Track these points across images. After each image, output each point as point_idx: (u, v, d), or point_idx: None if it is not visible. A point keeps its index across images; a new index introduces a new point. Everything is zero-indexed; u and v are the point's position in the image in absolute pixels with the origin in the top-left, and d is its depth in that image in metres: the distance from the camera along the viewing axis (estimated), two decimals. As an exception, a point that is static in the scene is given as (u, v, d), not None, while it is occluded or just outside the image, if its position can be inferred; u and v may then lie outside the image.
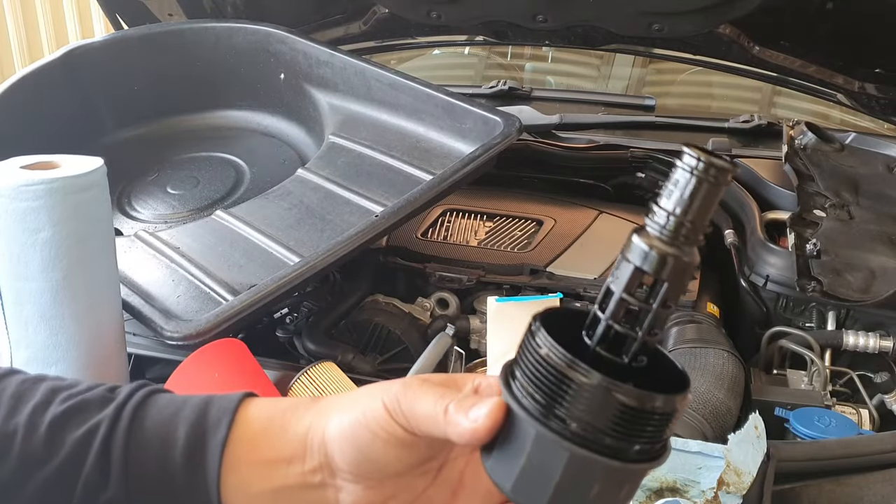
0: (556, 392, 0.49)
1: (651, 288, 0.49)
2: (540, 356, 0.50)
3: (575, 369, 0.49)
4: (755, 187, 1.66)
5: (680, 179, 0.48)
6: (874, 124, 2.13)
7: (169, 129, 1.82)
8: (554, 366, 0.49)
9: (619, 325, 0.50)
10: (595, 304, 0.52)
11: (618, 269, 0.50)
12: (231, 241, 1.35)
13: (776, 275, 1.39)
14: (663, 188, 0.49)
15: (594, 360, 0.50)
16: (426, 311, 1.45)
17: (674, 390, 0.50)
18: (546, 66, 2.85)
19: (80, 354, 1.03)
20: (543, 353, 0.50)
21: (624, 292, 0.50)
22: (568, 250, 1.53)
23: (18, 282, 0.99)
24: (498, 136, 1.42)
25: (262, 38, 1.79)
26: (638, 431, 0.49)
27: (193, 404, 0.60)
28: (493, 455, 0.53)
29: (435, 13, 1.96)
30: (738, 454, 0.92)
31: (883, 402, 1.21)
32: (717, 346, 1.24)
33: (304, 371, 1.10)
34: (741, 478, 0.90)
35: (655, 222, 0.49)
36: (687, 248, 0.49)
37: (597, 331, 0.51)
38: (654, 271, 0.49)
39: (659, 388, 0.49)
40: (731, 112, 2.18)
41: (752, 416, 0.95)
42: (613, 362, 0.50)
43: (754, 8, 1.75)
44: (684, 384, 0.51)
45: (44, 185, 0.96)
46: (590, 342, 0.51)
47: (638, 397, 0.48)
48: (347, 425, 0.57)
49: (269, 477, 0.58)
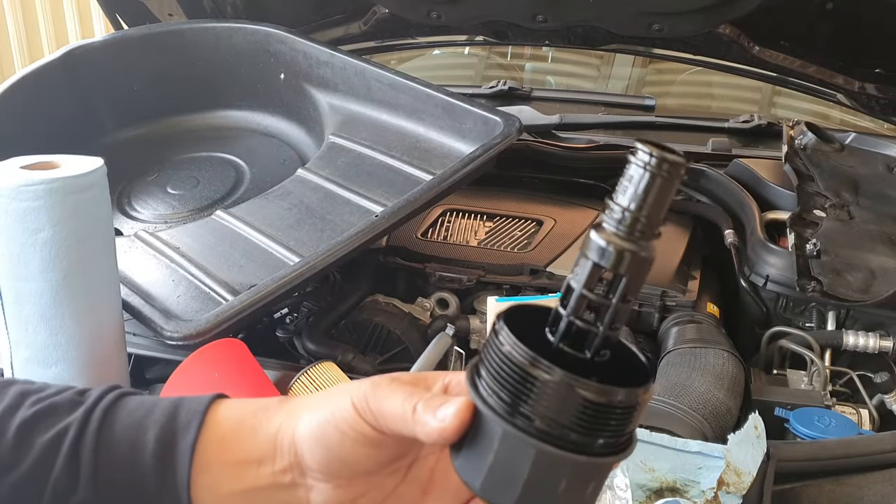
0: (520, 390, 0.50)
1: (610, 283, 0.50)
2: (503, 354, 0.50)
3: (537, 366, 0.49)
4: (755, 187, 1.66)
5: (634, 175, 0.49)
6: (874, 124, 2.13)
7: (169, 129, 1.82)
8: (517, 363, 0.50)
9: (580, 320, 0.51)
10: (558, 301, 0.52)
11: (577, 265, 0.51)
12: (231, 241, 1.35)
13: (776, 275, 1.39)
14: (618, 184, 0.50)
15: (557, 356, 0.50)
16: (426, 311, 1.45)
17: (637, 383, 0.50)
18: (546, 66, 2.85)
19: (80, 354, 1.03)
20: (506, 350, 0.50)
21: (584, 288, 0.50)
22: (568, 250, 1.53)
23: (18, 282, 0.99)
24: (498, 137, 1.42)
25: (262, 38, 1.79)
26: (602, 425, 0.49)
27: (163, 407, 0.61)
28: (462, 454, 0.53)
29: (435, 13, 1.96)
30: (738, 454, 0.92)
31: (883, 402, 1.21)
32: (717, 346, 1.24)
33: (304, 371, 1.10)
34: (741, 478, 0.90)
35: (612, 218, 0.50)
36: (643, 243, 0.50)
37: (559, 327, 0.51)
38: (613, 266, 0.49)
39: (624, 381, 0.50)
40: (731, 112, 2.18)
41: (752, 417, 0.95)
42: (577, 358, 0.51)
43: (754, 8, 1.74)
44: (647, 377, 0.51)
45: (44, 185, 0.96)
46: (553, 339, 0.52)
47: (599, 392, 0.48)
48: (316, 425, 0.57)
49: (240, 478, 0.58)
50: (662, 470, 0.97)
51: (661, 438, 1.00)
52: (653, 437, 1.00)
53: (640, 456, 0.99)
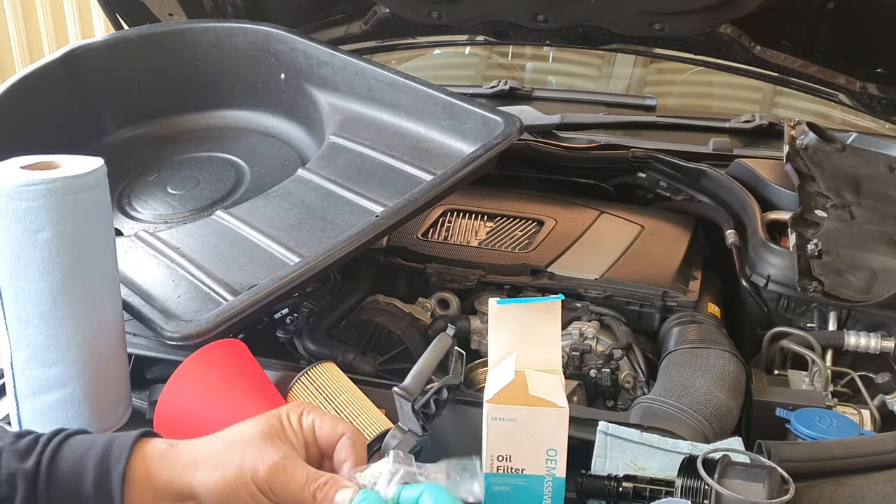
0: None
1: None
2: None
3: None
4: (756, 187, 1.66)
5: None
6: (876, 124, 2.12)
7: (169, 129, 1.82)
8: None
9: None
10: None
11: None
12: (231, 241, 1.35)
13: (777, 275, 1.39)
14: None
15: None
16: (427, 312, 1.45)
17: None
18: (547, 65, 2.85)
19: (79, 354, 1.03)
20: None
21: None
22: (569, 250, 1.52)
23: (18, 282, 0.99)
24: (499, 136, 1.42)
25: (263, 38, 1.79)
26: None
27: (100, 444, 0.78)
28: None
29: (435, 13, 1.96)
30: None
31: (884, 402, 1.20)
32: (718, 347, 1.24)
33: (305, 371, 1.10)
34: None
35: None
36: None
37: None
38: None
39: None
40: (732, 112, 2.18)
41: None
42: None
43: (756, 8, 1.74)
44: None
45: (44, 185, 0.96)
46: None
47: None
48: (221, 487, 0.73)
49: (160, 501, 0.77)
50: (652, 469, 0.97)
51: (651, 439, 1.00)
52: (643, 437, 1.01)
53: (631, 455, 0.99)
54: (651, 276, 1.44)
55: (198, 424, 1.01)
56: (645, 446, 1.00)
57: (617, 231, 1.60)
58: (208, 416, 1.00)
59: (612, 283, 1.43)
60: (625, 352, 1.31)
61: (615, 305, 1.41)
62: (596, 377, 1.29)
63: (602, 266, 1.48)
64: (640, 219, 1.64)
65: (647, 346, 1.36)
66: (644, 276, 1.44)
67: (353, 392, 1.08)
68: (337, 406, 1.04)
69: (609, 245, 1.55)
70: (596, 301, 1.41)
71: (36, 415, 1.06)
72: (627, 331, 1.36)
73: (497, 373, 0.96)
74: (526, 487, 0.92)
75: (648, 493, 0.92)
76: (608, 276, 1.45)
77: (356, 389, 1.09)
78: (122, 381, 1.12)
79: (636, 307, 1.40)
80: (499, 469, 0.92)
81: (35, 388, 1.04)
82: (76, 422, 1.06)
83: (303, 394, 1.07)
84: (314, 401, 1.06)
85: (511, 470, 0.92)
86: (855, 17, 1.75)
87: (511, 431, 0.90)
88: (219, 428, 0.99)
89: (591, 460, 1.00)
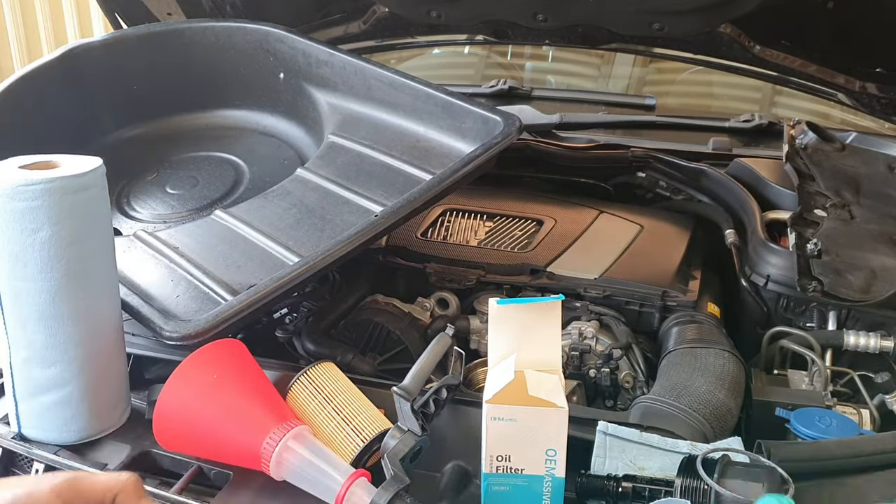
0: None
1: None
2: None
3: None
4: (756, 187, 1.66)
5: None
6: (875, 124, 2.12)
7: (168, 129, 1.82)
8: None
9: None
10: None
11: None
12: (230, 240, 1.35)
13: (777, 275, 1.39)
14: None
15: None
16: (426, 312, 1.45)
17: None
18: (546, 65, 2.85)
19: (78, 354, 1.03)
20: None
21: None
22: (568, 250, 1.52)
23: (17, 282, 0.99)
24: (498, 136, 1.41)
25: (262, 38, 1.79)
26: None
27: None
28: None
29: (435, 12, 1.96)
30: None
31: (884, 402, 1.20)
32: (717, 347, 1.24)
33: (304, 371, 1.10)
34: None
35: None
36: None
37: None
38: None
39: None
40: (731, 111, 2.18)
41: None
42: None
43: (755, 7, 1.74)
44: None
45: (42, 184, 0.96)
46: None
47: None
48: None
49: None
50: (652, 469, 0.97)
51: (651, 439, 1.00)
52: (643, 437, 1.01)
53: (630, 455, 0.99)
54: (650, 276, 1.44)
55: (197, 424, 1.01)
56: (644, 446, 1.00)
57: (616, 231, 1.60)
58: (207, 416, 1.00)
59: (612, 283, 1.43)
60: (624, 351, 1.31)
61: (615, 305, 1.41)
62: (595, 377, 1.29)
63: (601, 266, 1.47)
64: (640, 218, 1.64)
65: (646, 346, 1.36)
66: (643, 275, 1.44)
67: (352, 392, 1.08)
68: (336, 406, 1.04)
69: (608, 245, 1.55)
70: (595, 301, 1.41)
71: (35, 415, 1.06)
72: (627, 330, 1.36)
73: (496, 373, 0.96)
74: (525, 487, 0.92)
75: (648, 492, 0.92)
76: (608, 275, 1.45)
77: (355, 389, 1.09)
78: (121, 380, 1.12)
79: (636, 307, 1.40)
80: (498, 469, 0.92)
81: (34, 389, 1.04)
82: (75, 422, 1.06)
83: (302, 393, 1.07)
84: (314, 400, 1.06)
85: (510, 470, 0.92)
86: (854, 17, 1.74)
87: (510, 431, 0.90)
88: (218, 427, 0.99)
89: (591, 460, 1.00)
